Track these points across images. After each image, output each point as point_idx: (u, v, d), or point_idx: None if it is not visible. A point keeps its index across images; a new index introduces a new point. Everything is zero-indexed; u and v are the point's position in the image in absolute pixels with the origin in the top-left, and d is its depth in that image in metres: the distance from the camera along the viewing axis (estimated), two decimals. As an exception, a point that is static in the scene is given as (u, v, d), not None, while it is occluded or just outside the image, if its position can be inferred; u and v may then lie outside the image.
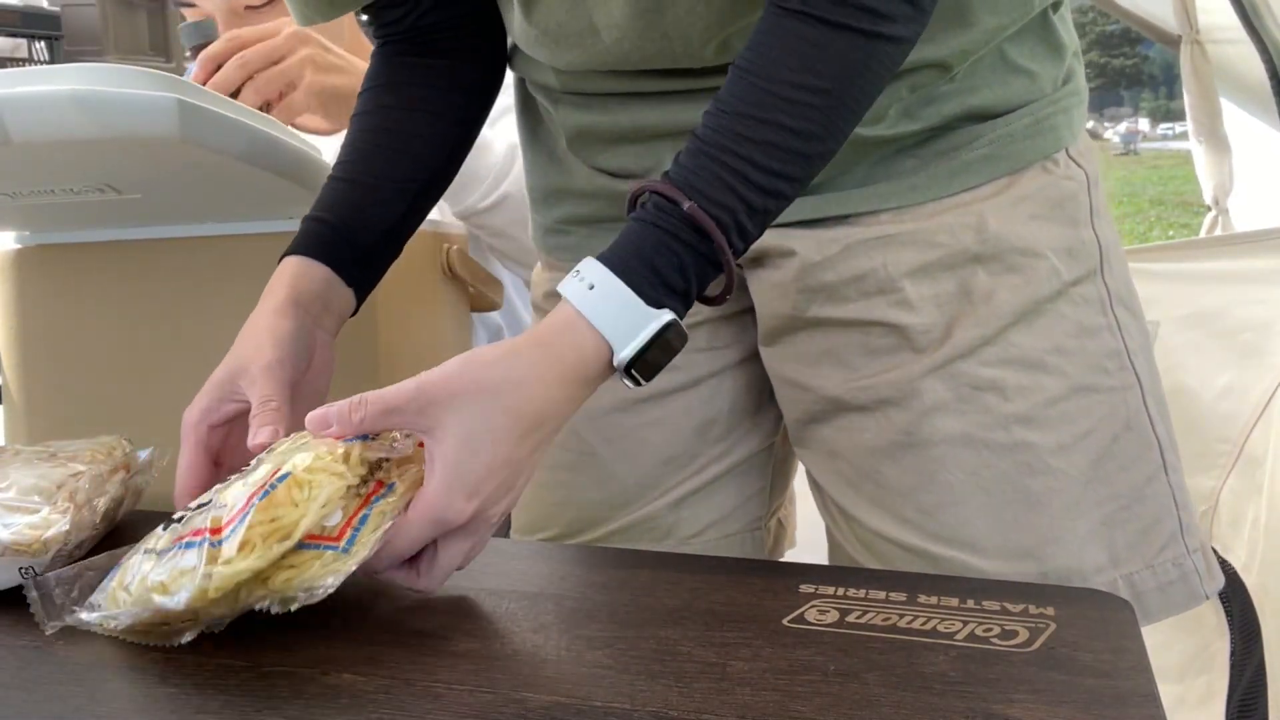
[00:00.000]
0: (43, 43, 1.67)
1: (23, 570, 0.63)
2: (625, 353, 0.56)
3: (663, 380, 0.81)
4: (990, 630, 0.55)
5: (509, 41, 0.80)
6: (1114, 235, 0.73)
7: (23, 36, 1.67)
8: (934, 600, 0.59)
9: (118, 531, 0.74)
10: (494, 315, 1.45)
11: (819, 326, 0.73)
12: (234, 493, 0.55)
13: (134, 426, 0.83)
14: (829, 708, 0.48)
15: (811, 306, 0.72)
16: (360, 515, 0.55)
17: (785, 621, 0.57)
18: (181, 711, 0.50)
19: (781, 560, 0.91)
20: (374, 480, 0.57)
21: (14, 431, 0.95)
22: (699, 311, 0.80)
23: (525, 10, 0.71)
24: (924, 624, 0.56)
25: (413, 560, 0.58)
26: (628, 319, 0.56)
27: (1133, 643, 0.54)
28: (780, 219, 0.72)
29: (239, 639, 0.56)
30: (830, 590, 0.61)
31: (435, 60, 0.78)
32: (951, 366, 0.69)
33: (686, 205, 0.56)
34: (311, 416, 0.58)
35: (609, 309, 0.56)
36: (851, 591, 0.60)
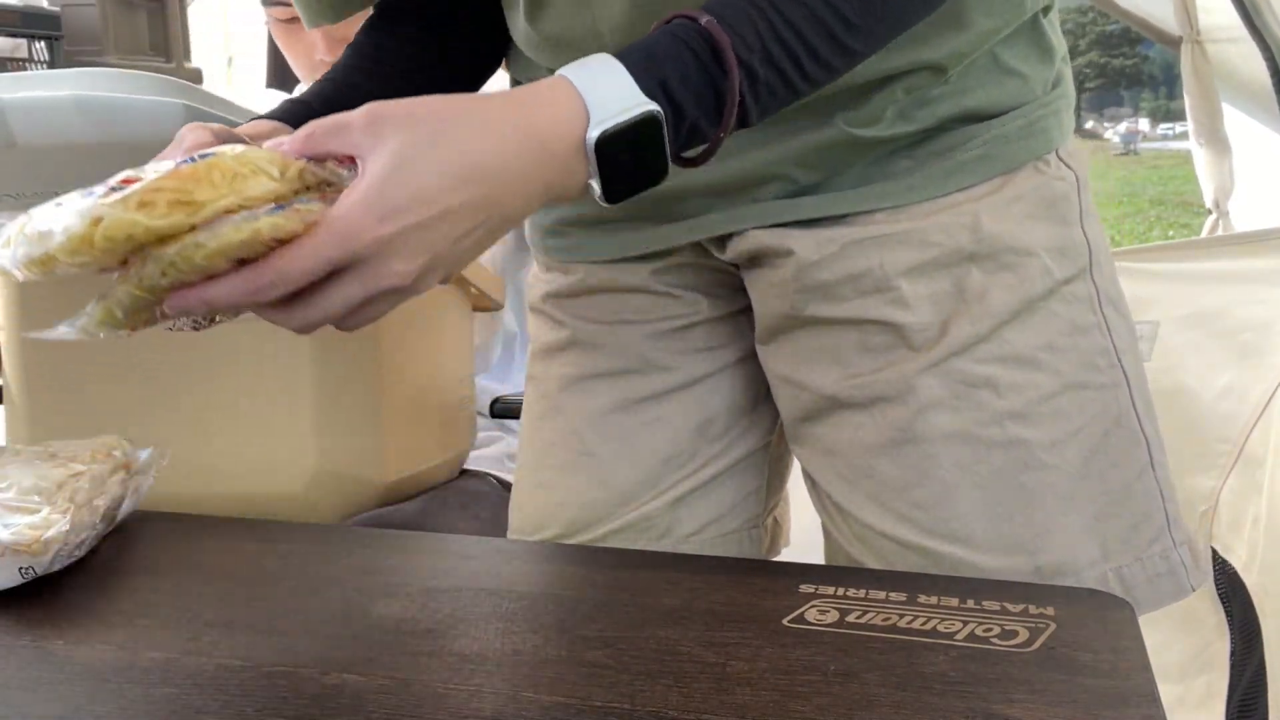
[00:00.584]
0: (43, 43, 1.67)
1: (23, 570, 0.63)
2: (599, 130, 0.51)
3: (661, 380, 0.81)
4: (990, 630, 0.55)
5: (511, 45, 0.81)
6: (1102, 235, 0.74)
7: (23, 36, 1.67)
8: (934, 600, 0.59)
9: (118, 531, 0.74)
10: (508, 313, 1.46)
11: (816, 325, 0.74)
12: (162, 166, 0.50)
13: (134, 426, 0.83)
14: (829, 708, 0.48)
15: (808, 305, 0.73)
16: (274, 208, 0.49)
17: (785, 621, 0.57)
18: (181, 712, 0.50)
19: (781, 560, 0.91)
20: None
21: (14, 432, 0.95)
22: (697, 312, 0.81)
23: (530, 16, 0.72)
24: (924, 624, 0.56)
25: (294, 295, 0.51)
26: (613, 93, 0.51)
27: (1133, 643, 0.54)
28: (777, 219, 0.72)
29: (239, 639, 0.57)
30: (830, 590, 0.61)
31: (428, 36, 0.79)
32: (946, 364, 0.70)
33: (704, 20, 0.53)
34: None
35: (596, 77, 0.52)
36: (851, 591, 0.60)
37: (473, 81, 0.83)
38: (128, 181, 0.48)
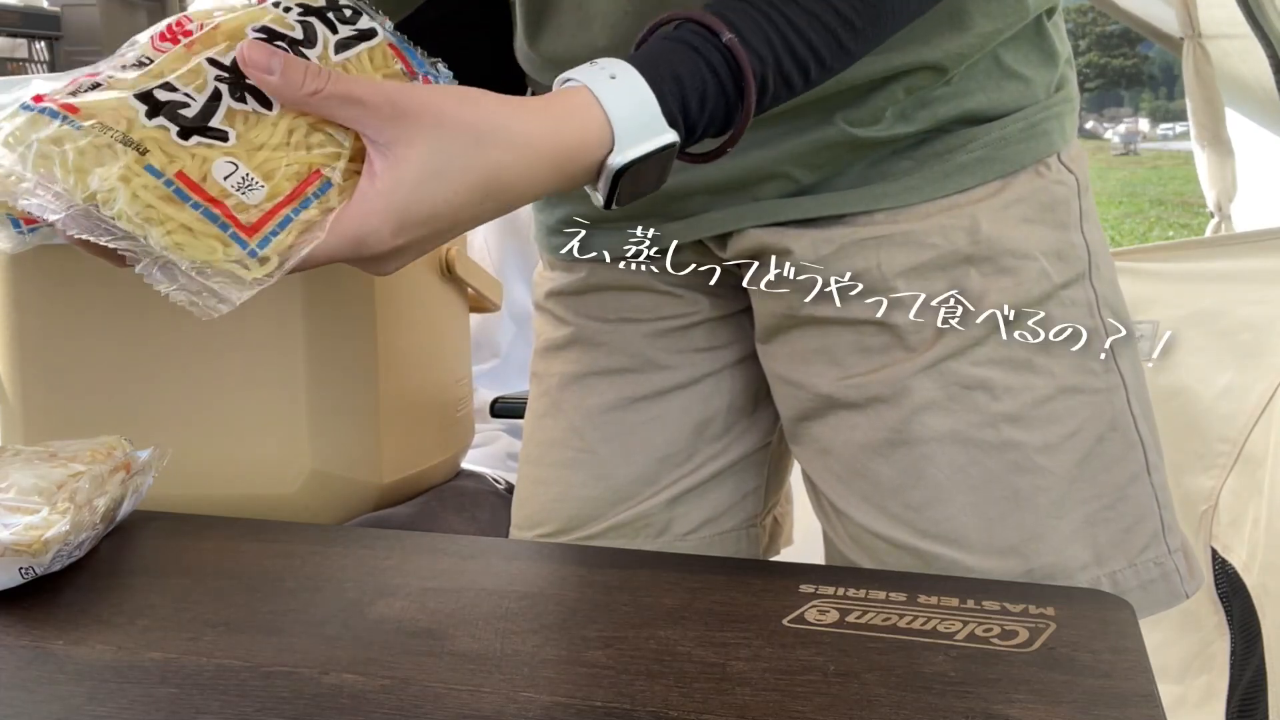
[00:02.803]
0: (42, 43, 1.67)
1: (23, 570, 0.63)
2: (624, 156, 0.52)
3: (662, 379, 0.81)
4: (990, 630, 0.55)
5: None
6: (1101, 240, 0.74)
7: (23, 36, 1.67)
8: (934, 600, 0.59)
9: (118, 531, 0.74)
10: (519, 301, 1.46)
11: (814, 325, 0.74)
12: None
13: (132, 426, 0.83)
14: (829, 708, 0.48)
15: (806, 305, 0.73)
16: (284, 215, 0.48)
17: (785, 621, 0.57)
18: (181, 711, 0.50)
19: (781, 560, 0.91)
20: (313, 164, 0.50)
21: (10, 432, 0.95)
22: (698, 311, 0.81)
23: (529, 37, 0.72)
24: (924, 624, 0.56)
25: None
26: (640, 122, 0.51)
27: (1133, 643, 0.54)
28: (777, 218, 0.72)
29: (239, 639, 0.57)
30: (830, 590, 0.61)
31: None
32: (942, 365, 0.70)
33: (726, 37, 0.52)
34: (253, 47, 0.48)
35: (627, 104, 0.51)
36: (851, 591, 0.60)
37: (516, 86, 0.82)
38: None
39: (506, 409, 1.29)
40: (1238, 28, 1.49)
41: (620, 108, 0.51)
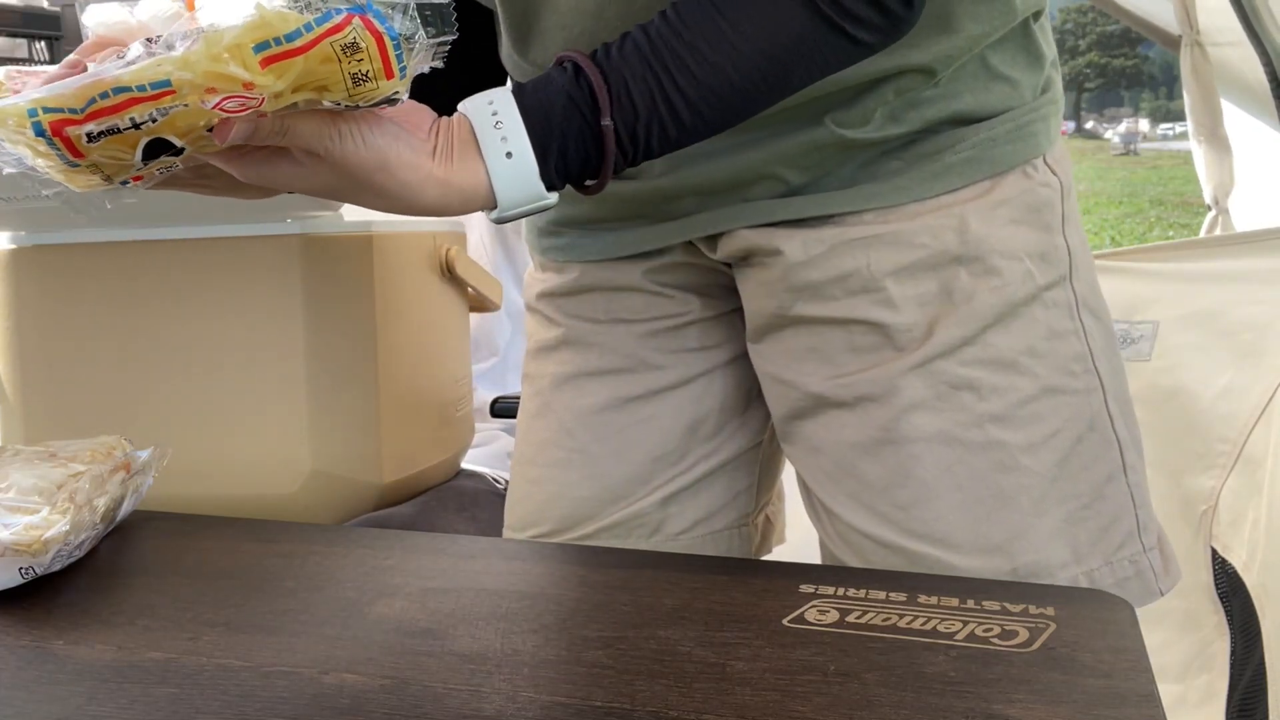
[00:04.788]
0: (43, 42, 1.67)
1: (23, 570, 0.63)
2: (502, 213, 0.58)
3: (654, 379, 0.82)
4: (990, 630, 0.55)
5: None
6: (1082, 242, 0.75)
7: (22, 36, 1.67)
8: (934, 600, 0.59)
9: (118, 531, 0.74)
10: (518, 301, 1.46)
11: (804, 324, 0.74)
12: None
13: (132, 426, 0.83)
14: (829, 708, 0.48)
15: (797, 304, 0.73)
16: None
17: (785, 621, 0.57)
18: (182, 711, 0.50)
19: (781, 560, 0.91)
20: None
21: (10, 431, 0.95)
22: (690, 312, 0.81)
23: (517, 47, 0.73)
24: (924, 624, 0.56)
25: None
26: (524, 195, 0.58)
27: (1133, 643, 0.54)
28: (767, 218, 0.73)
29: (239, 639, 0.57)
30: (830, 590, 0.61)
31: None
32: (931, 365, 0.70)
33: (604, 122, 0.57)
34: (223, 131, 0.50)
35: (515, 185, 0.57)
36: (851, 591, 0.60)
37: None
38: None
39: (506, 409, 1.30)
40: (1236, 35, 1.49)
41: (509, 189, 0.57)
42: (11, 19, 1.63)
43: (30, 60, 1.67)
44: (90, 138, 0.47)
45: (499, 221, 0.59)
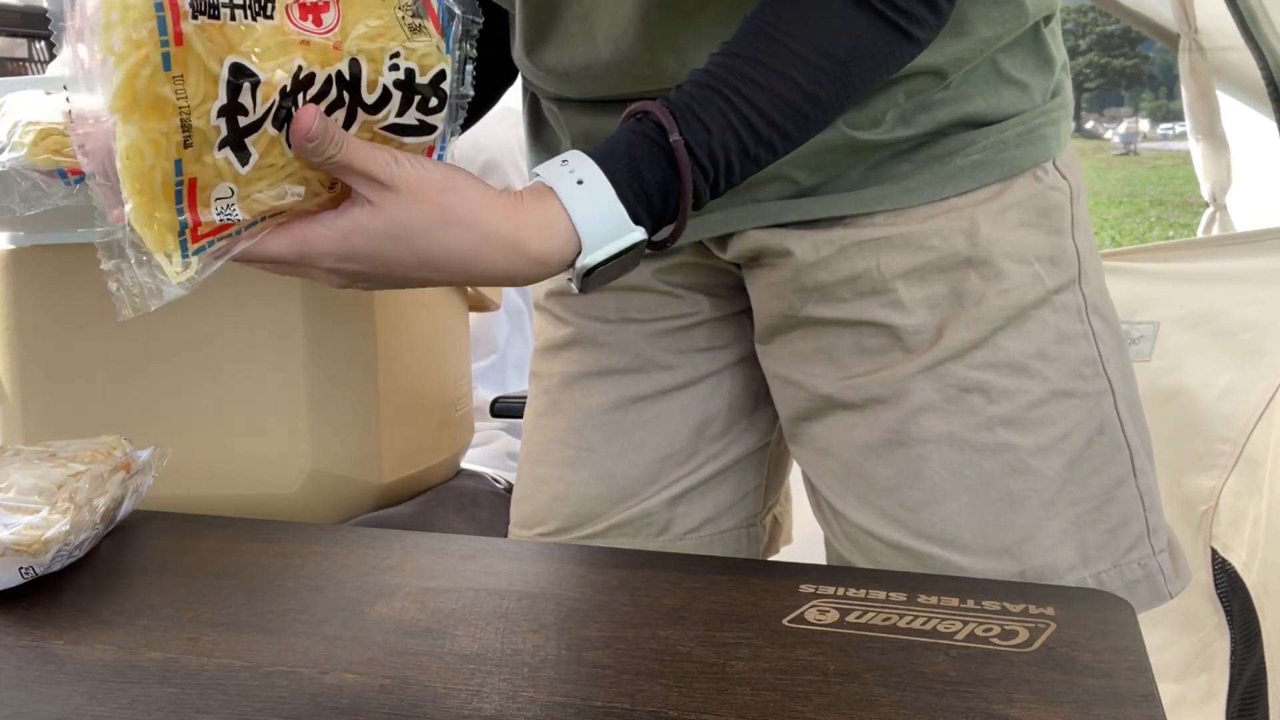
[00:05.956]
0: (43, 43, 1.67)
1: (23, 570, 0.63)
2: (591, 258, 0.55)
3: (663, 379, 0.82)
4: (990, 630, 0.55)
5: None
6: (1091, 246, 0.75)
7: (22, 36, 1.67)
8: (934, 600, 0.59)
9: (118, 531, 0.74)
10: (515, 298, 1.46)
11: (813, 325, 0.74)
12: None
13: (132, 426, 0.83)
14: (829, 708, 0.48)
15: (806, 306, 0.74)
16: (223, 234, 0.51)
17: (785, 621, 0.57)
18: (181, 711, 0.50)
19: (781, 560, 0.91)
20: (278, 209, 0.54)
21: (9, 432, 0.95)
22: (699, 312, 0.81)
23: (530, 50, 0.73)
24: (924, 624, 0.56)
25: None
26: (607, 226, 0.55)
27: (1133, 643, 0.54)
28: (777, 219, 0.73)
29: (239, 639, 0.57)
30: (830, 590, 0.61)
31: None
32: (941, 368, 0.70)
33: (673, 138, 0.55)
34: (306, 112, 0.51)
35: (593, 213, 0.54)
36: (851, 591, 0.60)
37: (492, 91, 0.85)
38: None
39: (507, 408, 1.30)
40: (1235, 39, 1.49)
41: (587, 217, 0.54)
42: (11, 19, 1.62)
43: (30, 60, 1.67)
44: (193, 7, 0.46)
45: (588, 274, 0.54)
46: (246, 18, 0.48)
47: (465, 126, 0.78)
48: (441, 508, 1.05)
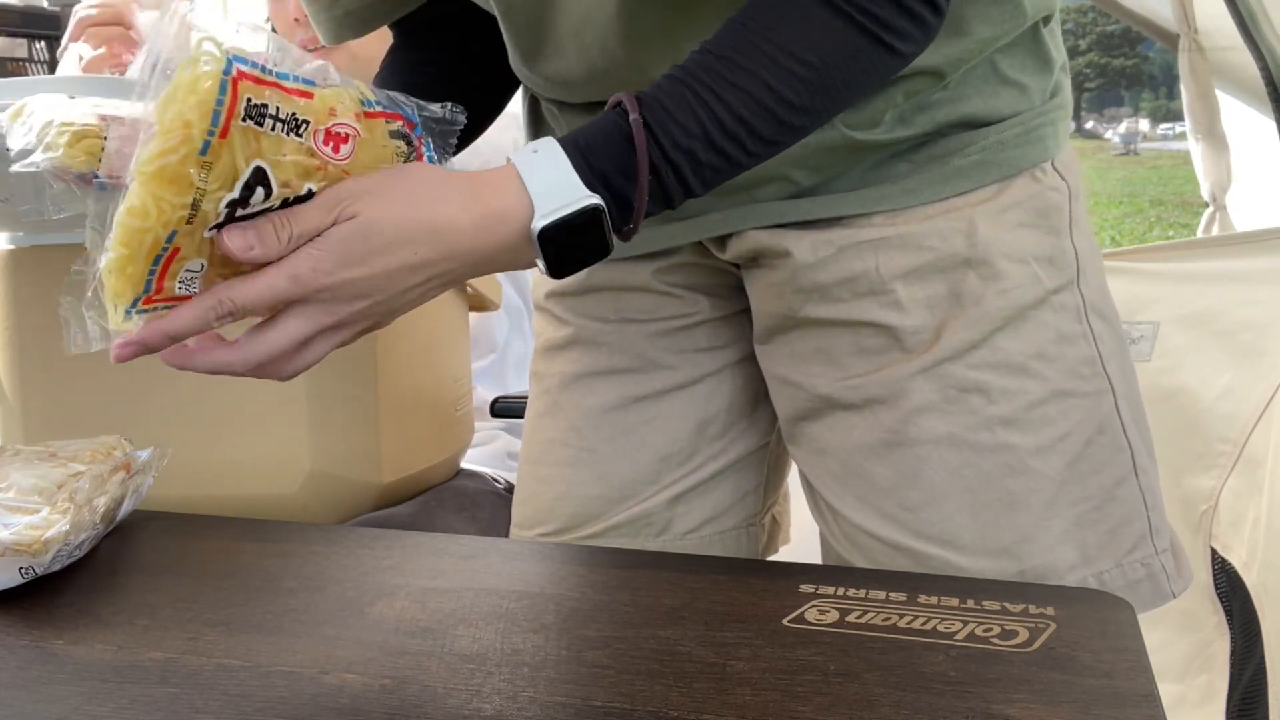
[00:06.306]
0: (42, 42, 1.67)
1: (23, 570, 0.63)
2: (543, 221, 0.55)
3: (663, 379, 0.82)
4: (990, 630, 0.55)
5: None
6: (1091, 246, 0.75)
7: (22, 36, 1.67)
8: (934, 600, 0.59)
9: (118, 531, 0.74)
10: (514, 297, 1.46)
11: (812, 326, 0.74)
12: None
13: (132, 426, 0.83)
14: (829, 708, 0.48)
15: (805, 306, 0.74)
16: (170, 303, 0.54)
17: (785, 621, 0.57)
18: (181, 711, 0.50)
19: (781, 560, 0.91)
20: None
21: (9, 432, 0.95)
22: (699, 312, 0.81)
23: (527, 61, 0.73)
24: (924, 624, 0.56)
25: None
26: (558, 187, 0.56)
27: (1133, 643, 0.54)
28: (776, 219, 0.73)
29: (239, 639, 0.57)
30: (830, 590, 0.61)
31: (447, 56, 0.82)
32: (940, 368, 0.70)
33: (633, 117, 0.56)
34: (229, 235, 0.53)
35: (543, 172, 0.56)
36: (851, 591, 0.60)
37: (500, 94, 0.86)
38: None
39: (507, 409, 1.29)
40: (1235, 39, 1.49)
41: (536, 176, 0.56)
42: (11, 19, 1.63)
43: (30, 60, 1.67)
44: (245, 111, 0.50)
45: (547, 243, 0.55)
46: (283, 132, 0.52)
47: (469, 138, 0.79)
48: (441, 508, 1.05)
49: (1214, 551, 1.38)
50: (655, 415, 0.82)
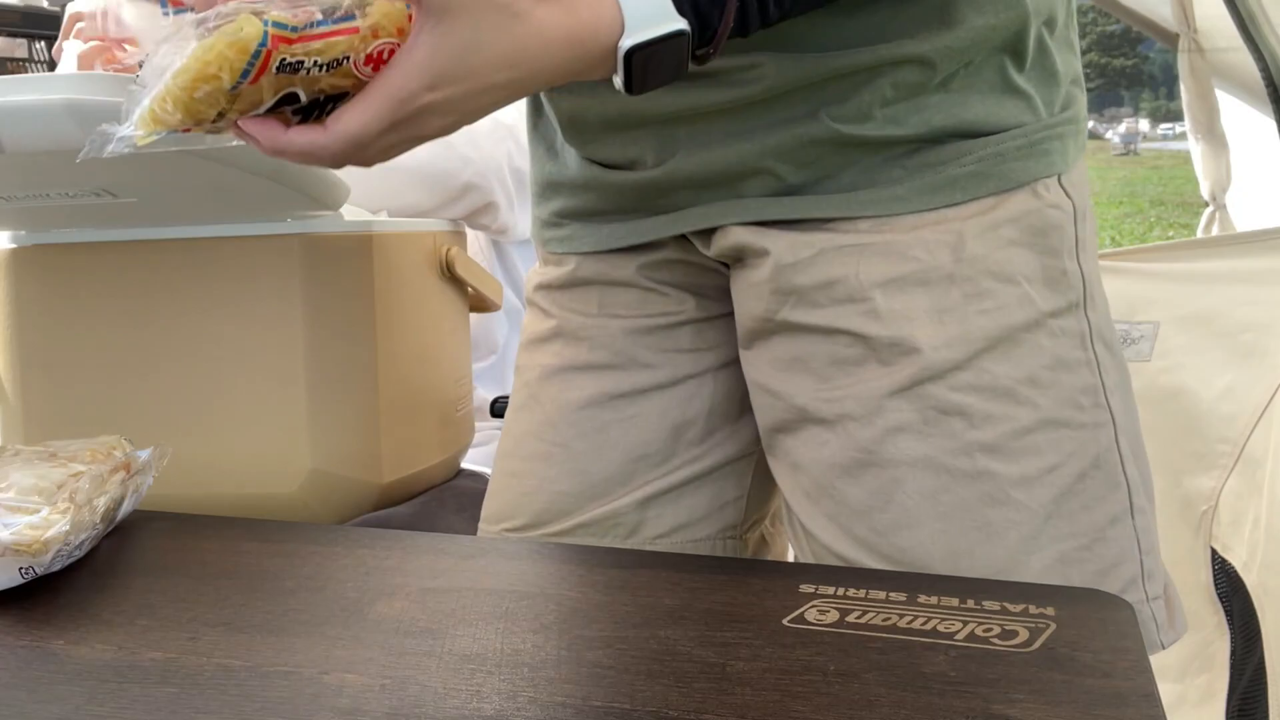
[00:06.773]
0: (42, 42, 1.67)
1: (23, 570, 0.63)
2: (633, 39, 0.54)
3: (642, 377, 0.80)
4: (990, 630, 0.55)
5: None
6: (1097, 270, 0.72)
7: (22, 36, 1.67)
8: (934, 600, 0.59)
9: (118, 531, 0.74)
10: (514, 299, 1.46)
11: (791, 331, 0.72)
12: None
13: (132, 426, 0.83)
14: (829, 708, 0.48)
15: (783, 309, 0.72)
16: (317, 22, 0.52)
17: (785, 621, 0.57)
18: (181, 711, 0.50)
19: (781, 560, 0.91)
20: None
21: (10, 432, 0.95)
22: (684, 311, 0.80)
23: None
24: (924, 624, 0.56)
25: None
26: (649, 8, 0.55)
27: (1133, 643, 0.54)
28: (759, 216, 0.71)
29: (239, 639, 0.57)
30: (830, 590, 0.61)
31: None
32: (920, 389, 0.68)
33: None
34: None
35: None
36: (851, 591, 0.60)
37: None
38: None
39: (506, 408, 1.29)
40: (1235, 40, 1.49)
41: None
42: (11, 19, 1.63)
43: (30, 60, 1.67)
44: (279, 67, 0.50)
45: (630, 59, 0.54)
46: (319, 72, 0.52)
47: None
48: (441, 508, 1.05)
49: (1214, 552, 1.38)
50: (632, 414, 0.80)
